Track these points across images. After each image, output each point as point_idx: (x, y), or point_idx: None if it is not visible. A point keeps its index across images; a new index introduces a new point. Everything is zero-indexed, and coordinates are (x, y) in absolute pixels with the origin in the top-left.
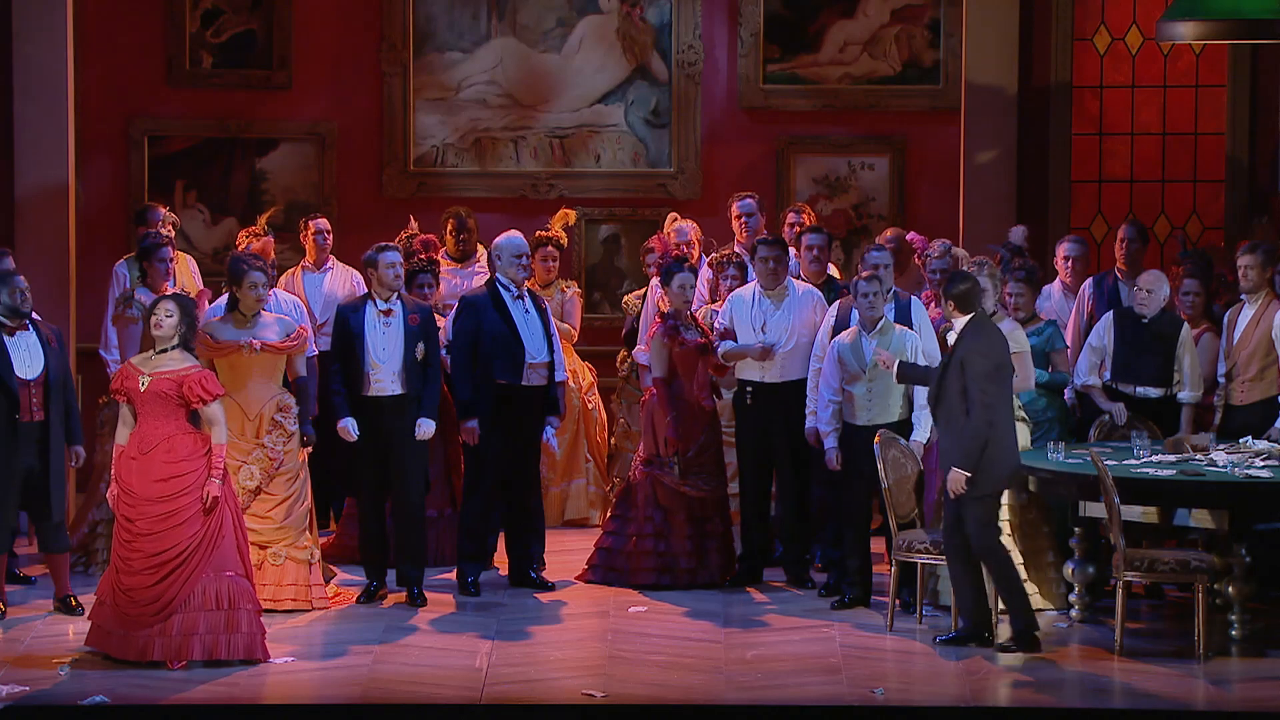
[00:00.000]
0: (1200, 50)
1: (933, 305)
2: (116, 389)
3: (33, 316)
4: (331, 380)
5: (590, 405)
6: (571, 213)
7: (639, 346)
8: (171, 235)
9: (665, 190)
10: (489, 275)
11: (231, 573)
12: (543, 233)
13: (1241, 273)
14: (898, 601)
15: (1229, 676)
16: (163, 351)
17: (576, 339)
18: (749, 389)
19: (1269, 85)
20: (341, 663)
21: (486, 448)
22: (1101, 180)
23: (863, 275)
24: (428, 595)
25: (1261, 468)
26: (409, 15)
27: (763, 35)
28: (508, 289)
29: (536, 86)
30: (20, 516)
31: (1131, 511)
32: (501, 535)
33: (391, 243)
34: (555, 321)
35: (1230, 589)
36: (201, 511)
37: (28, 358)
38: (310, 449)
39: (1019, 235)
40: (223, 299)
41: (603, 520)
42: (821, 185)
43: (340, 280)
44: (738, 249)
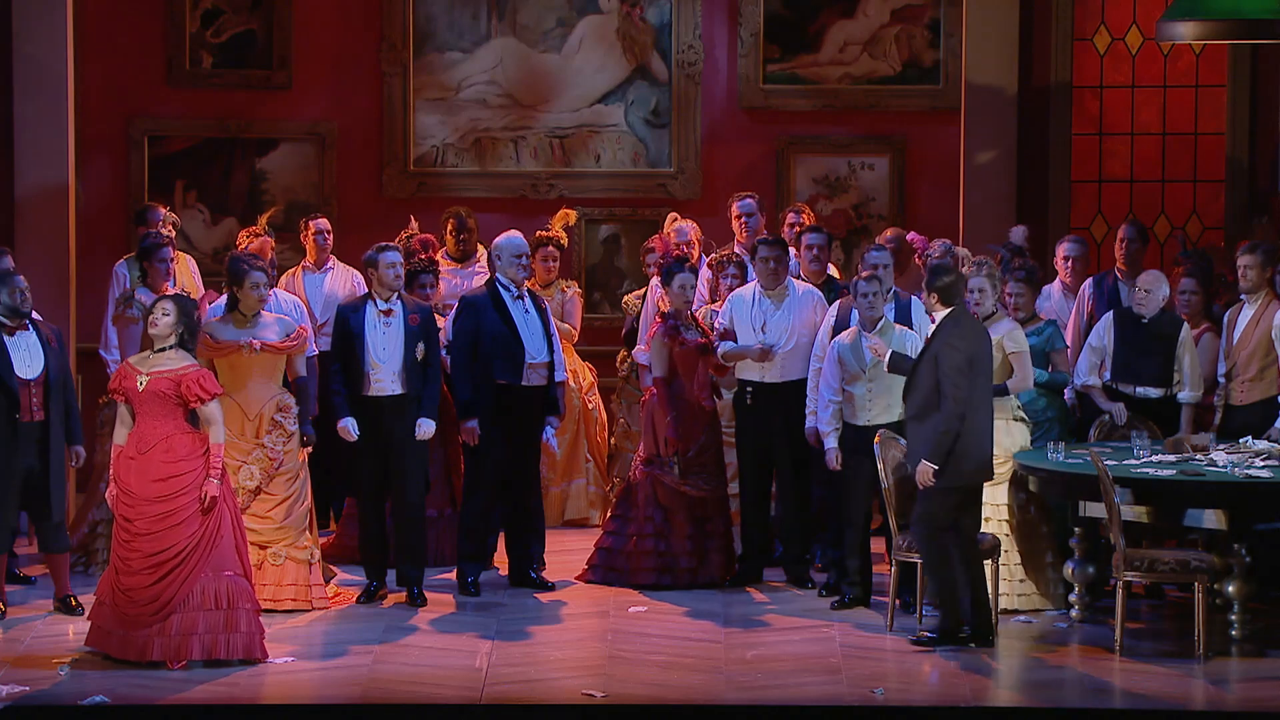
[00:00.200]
0: (1200, 50)
1: None
2: (115, 389)
3: (33, 316)
4: (331, 380)
5: (590, 405)
6: (572, 213)
7: (639, 346)
8: (172, 235)
9: (665, 190)
10: (489, 275)
11: (230, 572)
12: (543, 233)
13: (1241, 273)
14: (898, 601)
15: (1229, 676)
16: (160, 351)
17: (577, 339)
18: (749, 389)
19: (1269, 85)
20: (341, 663)
21: (486, 448)
22: (1101, 180)
23: (863, 275)
24: (428, 595)
25: (1261, 468)
26: (409, 15)
27: (763, 35)
28: (508, 289)
29: (536, 86)
30: (20, 516)
31: (1126, 511)
32: (501, 535)
33: (392, 243)
34: (555, 321)
35: (1230, 589)
36: (200, 511)
37: (28, 357)
38: (310, 449)
39: (1019, 235)
40: (222, 299)
41: (603, 520)
42: (821, 185)
43: (341, 280)
44: (738, 249)
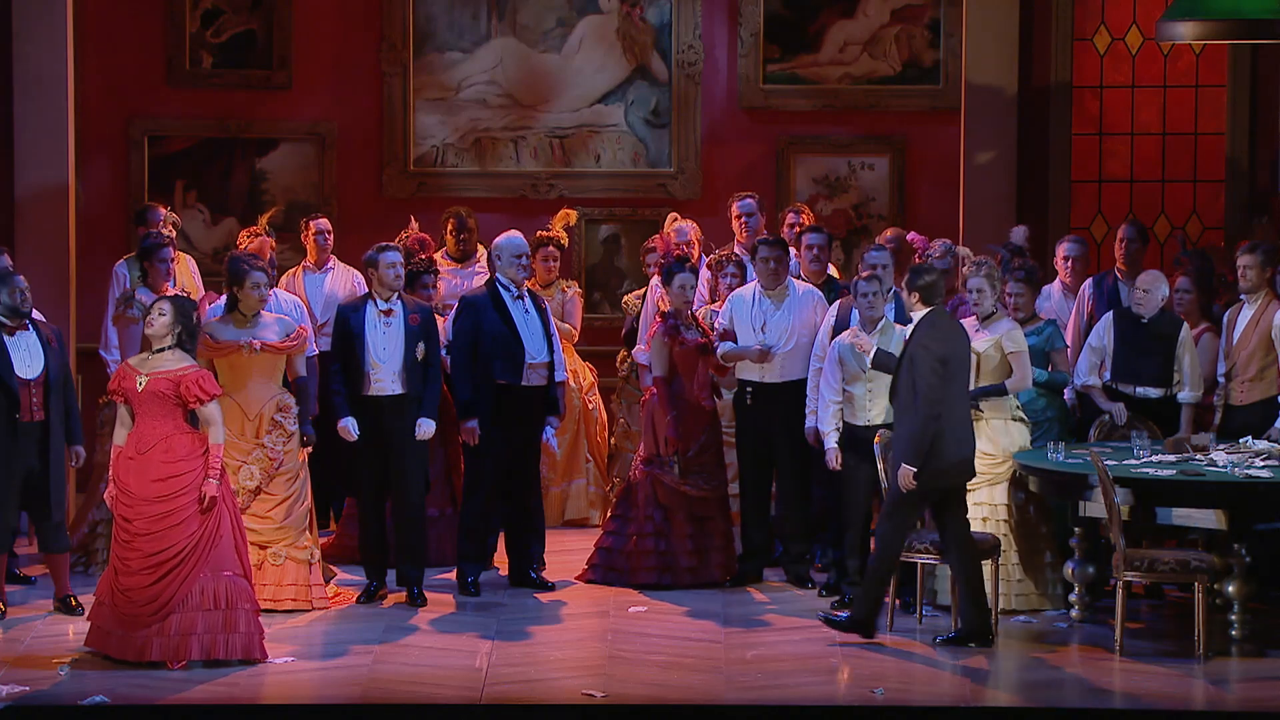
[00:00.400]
0: (1200, 50)
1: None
2: (114, 389)
3: (33, 316)
4: (332, 380)
5: (590, 405)
6: (572, 213)
7: (639, 346)
8: (173, 235)
9: (665, 190)
10: (489, 275)
11: (229, 572)
12: (543, 233)
13: (1241, 273)
14: (898, 601)
15: (1229, 676)
16: (159, 352)
17: (577, 339)
18: (749, 389)
19: (1269, 85)
20: (341, 663)
21: (486, 448)
22: (1101, 180)
23: (863, 275)
24: (428, 595)
25: (1261, 468)
26: (409, 15)
27: (763, 35)
28: (508, 289)
29: (536, 86)
30: (20, 516)
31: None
32: (501, 535)
33: (392, 243)
34: (555, 321)
35: (1230, 589)
36: (199, 511)
37: (28, 357)
38: (310, 449)
39: (1019, 235)
40: (222, 299)
41: (603, 520)
42: (821, 185)
43: (341, 280)
44: (738, 249)
